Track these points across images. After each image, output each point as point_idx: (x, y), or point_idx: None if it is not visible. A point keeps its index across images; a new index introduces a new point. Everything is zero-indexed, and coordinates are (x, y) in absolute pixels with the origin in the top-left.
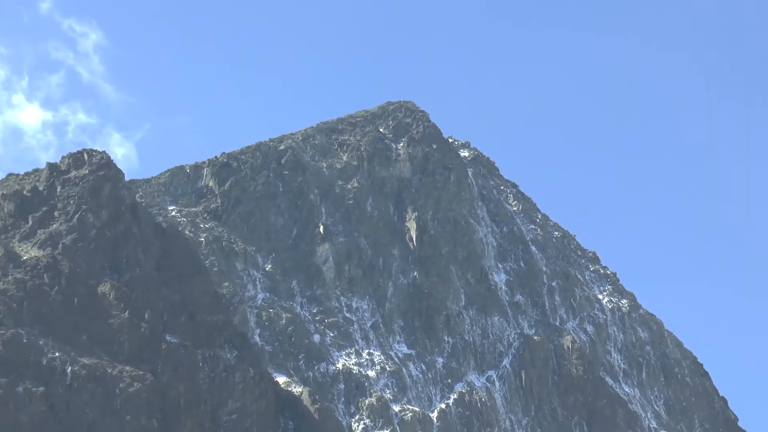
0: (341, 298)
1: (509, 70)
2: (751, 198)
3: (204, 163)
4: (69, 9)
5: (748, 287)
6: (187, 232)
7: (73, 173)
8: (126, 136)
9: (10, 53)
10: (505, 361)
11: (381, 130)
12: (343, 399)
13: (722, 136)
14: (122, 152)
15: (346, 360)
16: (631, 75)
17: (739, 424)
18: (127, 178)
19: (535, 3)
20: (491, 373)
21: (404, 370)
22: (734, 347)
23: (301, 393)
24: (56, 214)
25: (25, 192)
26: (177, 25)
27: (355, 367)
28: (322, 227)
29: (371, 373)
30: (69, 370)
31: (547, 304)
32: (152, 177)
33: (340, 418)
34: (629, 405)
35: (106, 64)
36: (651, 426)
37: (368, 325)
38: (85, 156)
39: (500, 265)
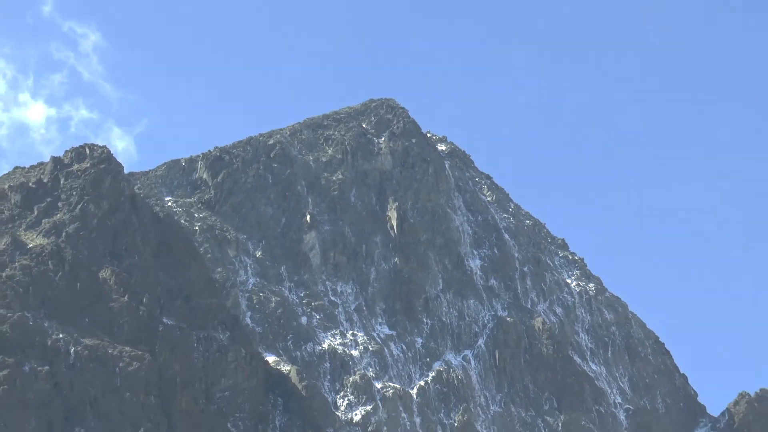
0: (327, 282)
1: (485, 69)
2: (711, 188)
3: (198, 156)
4: (69, 11)
5: (705, 272)
6: (182, 222)
7: (75, 166)
8: (125, 130)
9: (15, 54)
10: (480, 341)
11: (364, 125)
12: (328, 377)
13: (684, 128)
14: (122, 145)
15: (331, 340)
16: (600, 70)
17: (699, 399)
18: (126, 171)
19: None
20: (467, 352)
21: (386, 350)
22: (695, 328)
23: (290, 371)
24: (60, 204)
25: (30, 184)
26: (171, 27)
27: (340, 347)
28: (308, 216)
29: (355, 353)
30: (72, 350)
31: (519, 287)
32: (150, 170)
33: (326, 395)
34: (596, 382)
35: (104, 64)
36: (616, 401)
37: (352, 308)
38: (87, 150)
39: (475, 252)
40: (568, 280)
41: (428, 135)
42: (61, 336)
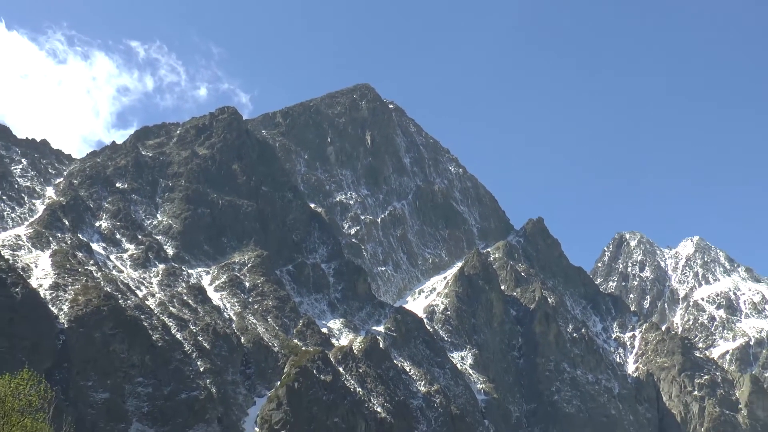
0: (338, 169)
1: (410, 63)
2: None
3: (277, 111)
4: (204, 34)
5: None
6: (269, 142)
7: (219, 116)
8: (246, 94)
9: (189, 63)
10: (410, 196)
11: (354, 96)
12: (339, 214)
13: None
14: (245, 101)
15: (340, 196)
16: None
17: (510, 222)
18: (244, 118)
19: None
20: (403, 201)
21: (366, 201)
22: (519, 186)
23: (321, 211)
24: (212, 134)
25: (199, 125)
26: (255, 41)
27: (344, 200)
28: (329, 138)
29: (351, 202)
30: (219, 201)
31: (427, 171)
32: (254, 117)
33: (338, 222)
34: (463, 215)
35: (228, 63)
36: (472, 224)
37: (350, 181)
38: (225, 109)
39: (407, 155)
40: (450, 168)
41: (384, 100)
42: (214, 195)
